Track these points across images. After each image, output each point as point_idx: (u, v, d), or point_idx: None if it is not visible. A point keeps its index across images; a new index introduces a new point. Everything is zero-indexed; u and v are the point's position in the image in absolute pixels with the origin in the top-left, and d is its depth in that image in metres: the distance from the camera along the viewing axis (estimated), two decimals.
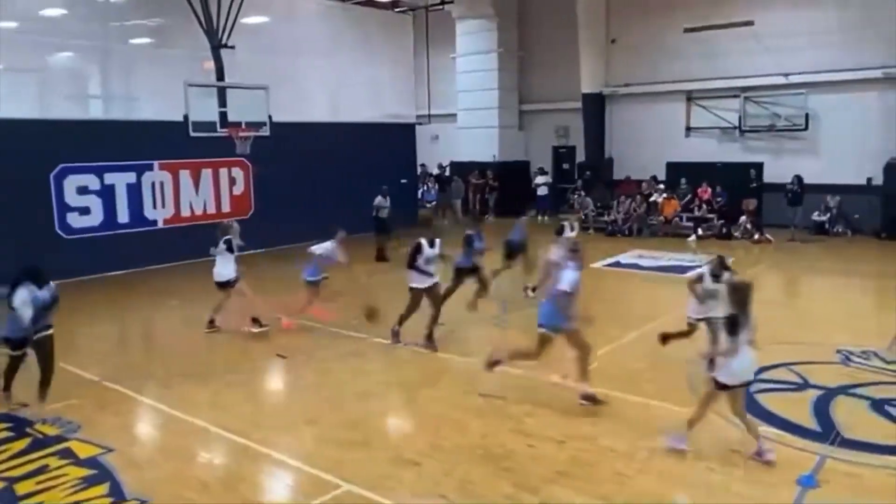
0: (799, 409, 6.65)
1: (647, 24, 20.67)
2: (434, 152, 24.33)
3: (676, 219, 18.70)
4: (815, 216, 17.71)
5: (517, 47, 23.52)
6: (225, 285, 9.56)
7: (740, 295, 5.64)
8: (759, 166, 18.93)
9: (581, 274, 6.88)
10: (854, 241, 16.85)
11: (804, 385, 7.27)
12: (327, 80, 18.94)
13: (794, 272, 14.30)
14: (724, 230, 17.72)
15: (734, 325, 5.47)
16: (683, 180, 19.32)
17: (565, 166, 23.63)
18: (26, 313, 6.46)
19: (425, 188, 22.92)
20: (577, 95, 21.78)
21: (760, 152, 19.26)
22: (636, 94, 21.22)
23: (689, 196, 19.00)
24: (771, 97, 18.68)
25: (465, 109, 23.88)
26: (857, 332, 9.22)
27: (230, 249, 9.54)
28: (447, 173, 23.60)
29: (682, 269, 13.65)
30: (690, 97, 20.40)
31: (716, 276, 7.54)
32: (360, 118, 19.34)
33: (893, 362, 7.84)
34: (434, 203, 22.49)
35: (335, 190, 17.72)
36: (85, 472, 5.64)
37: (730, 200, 18.28)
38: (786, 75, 18.22)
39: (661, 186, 19.40)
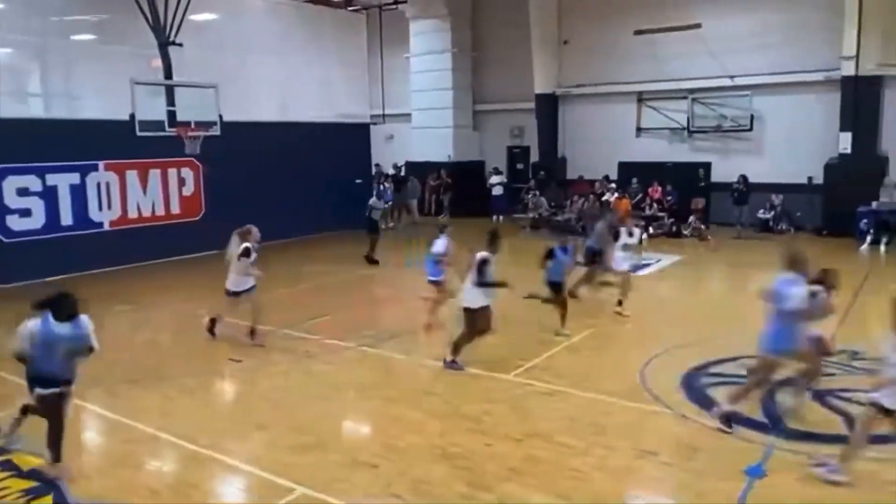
0: (747, 401, 6.82)
1: (599, 25, 21.00)
2: (389, 152, 24.21)
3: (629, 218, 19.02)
4: (760, 214, 18.27)
5: (471, 47, 23.60)
6: (236, 294, 8.98)
7: None
8: (707, 166, 19.46)
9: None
10: (797, 239, 17.41)
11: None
12: (279, 78, 18.66)
13: (742, 268, 14.70)
14: (675, 229, 18.13)
15: None
16: (635, 180, 19.70)
17: (520, 166, 23.83)
18: (21, 349, 5.36)
19: (381, 188, 22.83)
20: (531, 96, 22.01)
21: (708, 152, 19.77)
22: (588, 94, 21.53)
23: (641, 195, 19.37)
24: (717, 99, 19.21)
25: (419, 109, 23.84)
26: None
27: (247, 255, 8.87)
28: (402, 173, 23.54)
29: (636, 268, 13.89)
30: (641, 98, 20.81)
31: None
32: (314, 118, 19.12)
33: (835, 353, 8.11)
34: (390, 203, 22.40)
35: (288, 190, 17.48)
36: (28, 483, 5.42)
37: (679, 199, 18.72)
38: (731, 77, 18.72)
39: (613, 186, 19.73)
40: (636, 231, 10.71)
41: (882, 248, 15.30)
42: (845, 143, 16.99)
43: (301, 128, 18.47)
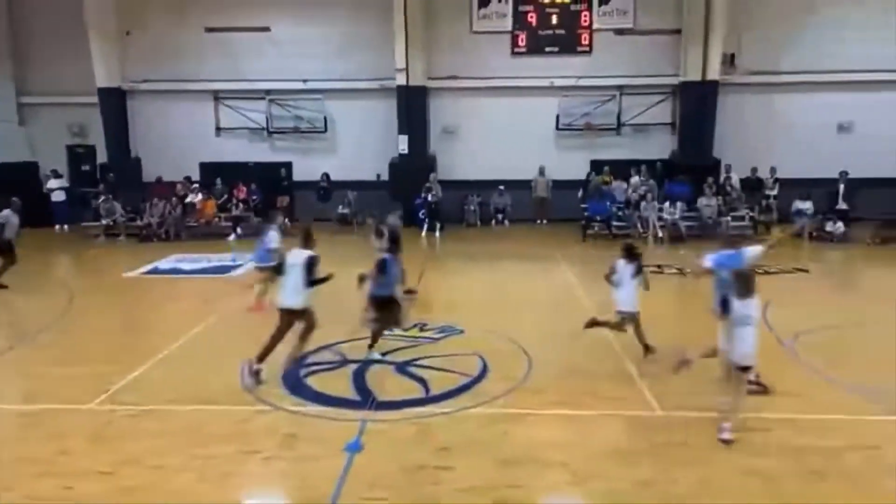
0: (341, 383, 7.26)
1: (165, 19, 19.88)
2: None
3: (216, 219, 18.52)
4: (340, 210, 19.71)
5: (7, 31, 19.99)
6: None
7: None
8: (288, 165, 20.18)
9: None
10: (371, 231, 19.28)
11: (343, 362, 7.96)
12: None
13: (333, 262, 15.60)
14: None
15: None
16: (219, 180, 19.26)
17: (85, 168, 21.13)
18: None
19: None
20: (94, 89, 19.66)
21: (288, 152, 20.50)
22: (160, 91, 20.23)
23: (226, 196, 19.04)
24: (293, 101, 20.01)
25: None
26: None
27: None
28: None
29: (226, 270, 13.62)
30: (218, 97, 20.40)
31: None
32: None
33: (409, 329, 9.19)
34: None
35: None
36: None
37: (265, 198, 18.99)
38: (304, 81, 19.71)
39: (197, 186, 18.97)
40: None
41: (437, 233, 17.94)
42: (403, 144, 19.44)
43: None
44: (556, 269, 13.55)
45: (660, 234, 16.72)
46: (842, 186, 17.34)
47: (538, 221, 19.27)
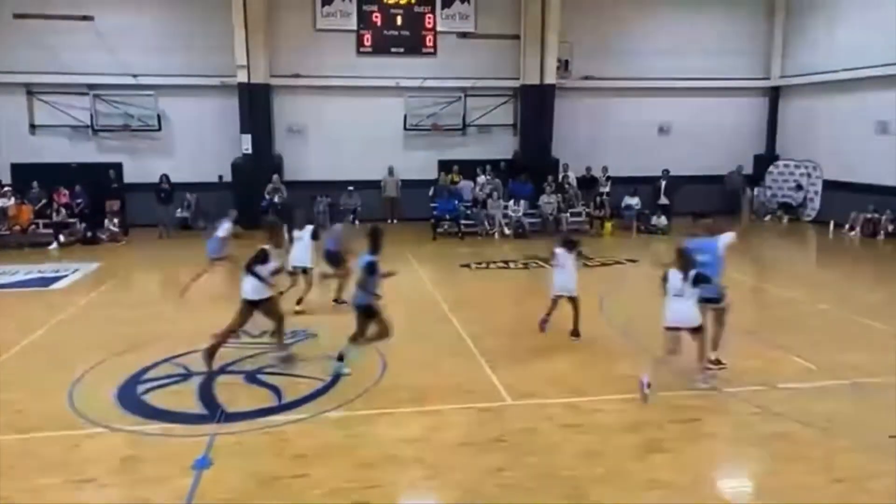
0: (185, 398, 6.84)
1: None
2: None
3: (33, 226, 16.72)
4: (179, 213, 18.58)
5: None
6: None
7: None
8: (118, 166, 18.69)
9: None
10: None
11: (188, 375, 7.51)
12: None
13: (174, 267, 14.65)
14: (90, 234, 16.77)
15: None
16: (35, 183, 17.42)
17: None
18: None
19: None
20: None
21: (118, 152, 18.98)
22: None
23: (45, 200, 17.26)
24: (122, 97, 18.53)
25: None
26: (229, 315, 10.03)
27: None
28: None
29: (47, 282, 12.36)
30: (31, 91, 18.44)
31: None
32: None
33: (258, 336, 8.85)
34: None
35: None
36: None
37: (92, 203, 17.44)
38: (134, 76, 18.34)
39: (9, 191, 17.03)
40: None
41: (286, 236, 17.35)
42: (247, 143, 18.68)
43: None
44: (407, 267, 13.66)
45: (506, 231, 17.44)
46: (663, 183, 19.01)
47: (389, 221, 19.35)
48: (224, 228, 11.26)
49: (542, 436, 6.00)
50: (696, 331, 6.78)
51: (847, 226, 17.55)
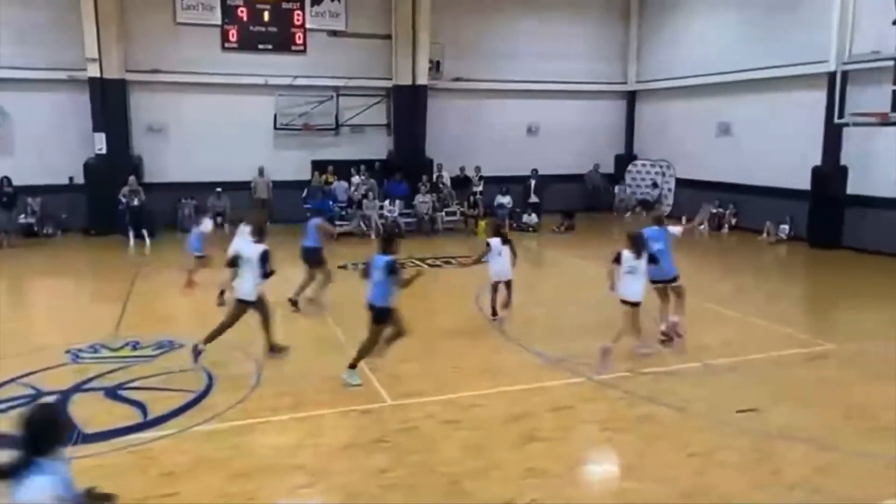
0: None
1: None
2: None
3: None
4: (23, 219, 16.96)
5: None
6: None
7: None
8: None
9: None
10: (66, 240, 16.94)
11: (38, 395, 6.85)
12: None
13: (17, 279, 13.35)
14: None
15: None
16: None
17: None
18: None
19: None
20: None
21: None
22: None
23: None
24: None
25: None
26: (83, 328, 9.32)
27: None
28: None
29: None
30: None
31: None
32: None
33: (119, 349, 8.27)
34: None
35: None
36: None
37: None
38: None
39: None
40: None
41: (147, 241, 16.32)
42: (100, 143, 17.35)
43: None
44: (281, 270, 13.25)
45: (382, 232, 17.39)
46: (533, 182, 19.73)
47: None
48: (205, 224, 11.57)
49: (422, 434, 6.02)
50: (637, 305, 7.76)
51: (696, 220, 18.98)
